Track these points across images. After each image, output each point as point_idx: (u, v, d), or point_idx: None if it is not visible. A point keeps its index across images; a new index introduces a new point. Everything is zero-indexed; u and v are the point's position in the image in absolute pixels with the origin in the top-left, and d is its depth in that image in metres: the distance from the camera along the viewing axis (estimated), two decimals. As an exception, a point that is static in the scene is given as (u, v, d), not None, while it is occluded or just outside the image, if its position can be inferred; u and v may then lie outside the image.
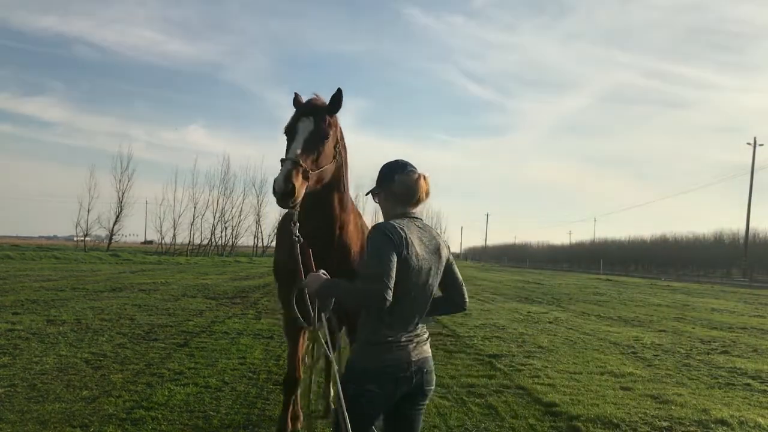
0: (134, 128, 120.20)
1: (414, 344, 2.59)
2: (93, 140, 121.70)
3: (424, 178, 2.72)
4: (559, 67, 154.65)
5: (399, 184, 2.69)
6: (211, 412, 4.97)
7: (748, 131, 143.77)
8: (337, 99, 3.33)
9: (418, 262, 2.52)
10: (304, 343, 4.35)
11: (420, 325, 2.66)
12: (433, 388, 2.70)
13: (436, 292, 2.71)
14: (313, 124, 3.18)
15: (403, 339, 2.56)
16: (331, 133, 3.25)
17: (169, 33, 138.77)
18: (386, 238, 2.47)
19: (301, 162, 3.00)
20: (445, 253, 2.70)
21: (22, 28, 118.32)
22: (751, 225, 48.60)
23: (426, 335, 2.70)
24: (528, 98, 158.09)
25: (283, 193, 2.89)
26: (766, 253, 49.75)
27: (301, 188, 2.96)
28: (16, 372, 6.13)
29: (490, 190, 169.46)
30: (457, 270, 2.79)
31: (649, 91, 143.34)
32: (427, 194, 2.74)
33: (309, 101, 3.34)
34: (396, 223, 2.58)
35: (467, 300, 2.83)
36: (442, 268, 2.68)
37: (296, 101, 3.39)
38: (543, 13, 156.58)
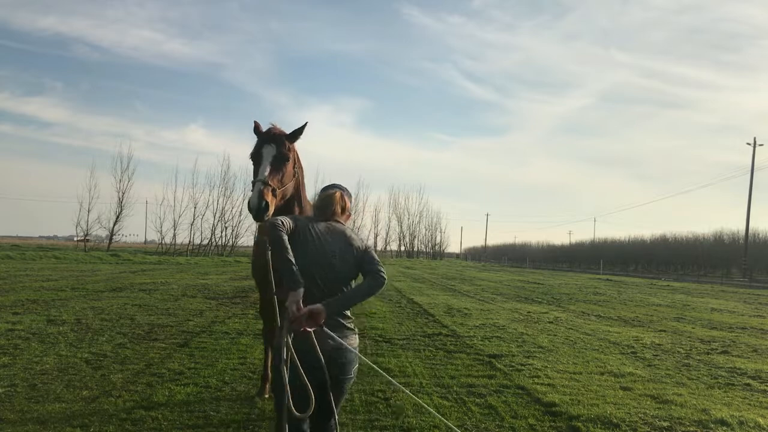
0: (134, 128, 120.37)
1: (326, 329, 2.77)
2: (93, 140, 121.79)
3: (341, 195, 3.15)
4: (558, 67, 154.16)
5: (318, 199, 3.21)
6: (211, 412, 4.98)
7: (748, 131, 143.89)
8: (299, 131, 3.93)
9: (318, 243, 2.90)
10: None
11: (339, 316, 2.86)
12: (350, 377, 2.89)
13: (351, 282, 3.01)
14: (276, 149, 3.77)
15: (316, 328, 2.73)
16: (291, 156, 3.86)
17: (169, 33, 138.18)
18: (276, 222, 2.86)
19: (269, 182, 3.59)
20: (357, 244, 3.02)
21: (22, 28, 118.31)
22: (751, 225, 48.53)
23: (347, 327, 2.90)
24: (528, 98, 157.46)
25: (258, 209, 3.47)
26: (766, 253, 49.67)
27: (271, 204, 3.54)
28: (17, 372, 6.13)
29: (490, 190, 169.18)
30: (373, 255, 3.05)
31: (649, 91, 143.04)
32: (344, 209, 3.14)
33: (269, 130, 3.89)
34: (302, 216, 3.16)
35: (382, 273, 2.97)
36: (352, 256, 2.97)
37: (257, 129, 3.94)
38: (542, 13, 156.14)
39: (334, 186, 3.26)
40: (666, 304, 18.05)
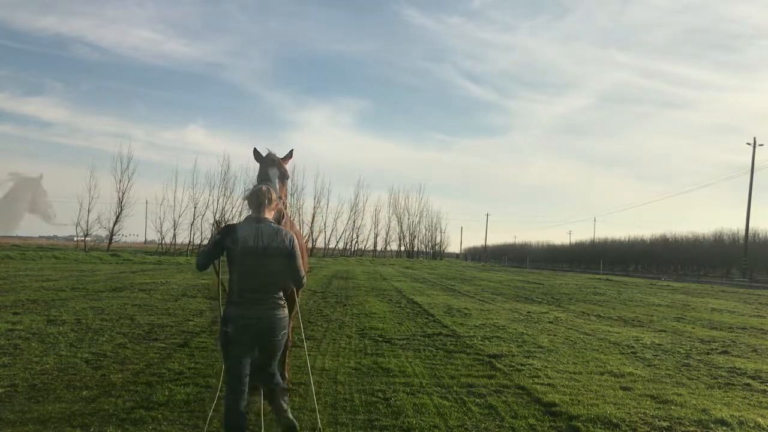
0: (134, 128, 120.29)
1: (254, 304, 3.69)
2: (93, 140, 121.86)
3: (267, 189, 3.88)
4: (558, 67, 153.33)
5: (246, 195, 3.91)
6: (212, 412, 4.96)
7: (748, 131, 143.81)
8: (290, 155, 5.26)
9: (246, 250, 3.66)
10: None
11: (268, 294, 3.73)
12: (276, 339, 3.75)
13: (281, 272, 3.82)
14: (279, 171, 4.95)
15: (246, 300, 3.69)
16: (288, 173, 5.06)
17: (169, 33, 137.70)
18: (223, 230, 3.78)
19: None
20: (282, 246, 3.74)
21: (22, 28, 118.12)
22: (751, 225, 48.43)
23: (271, 302, 3.75)
24: (528, 98, 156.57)
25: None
26: (766, 253, 49.61)
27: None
28: (17, 372, 6.13)
29: (490, 190, 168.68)
30: (297, 261, 3.84)
31: (649, 91, 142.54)
32: (270, 200, 3.84)
33: (269, 155, 5.00)
34: (236, 223, 3.85)
35: (300, 279, 3.96)
36: (278, 255, 3.73)
37: (257, 153, 5.03)
38: (542, 13, 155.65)
39: (265, 181, 4.16)
40: (666, 304, 18.05)
